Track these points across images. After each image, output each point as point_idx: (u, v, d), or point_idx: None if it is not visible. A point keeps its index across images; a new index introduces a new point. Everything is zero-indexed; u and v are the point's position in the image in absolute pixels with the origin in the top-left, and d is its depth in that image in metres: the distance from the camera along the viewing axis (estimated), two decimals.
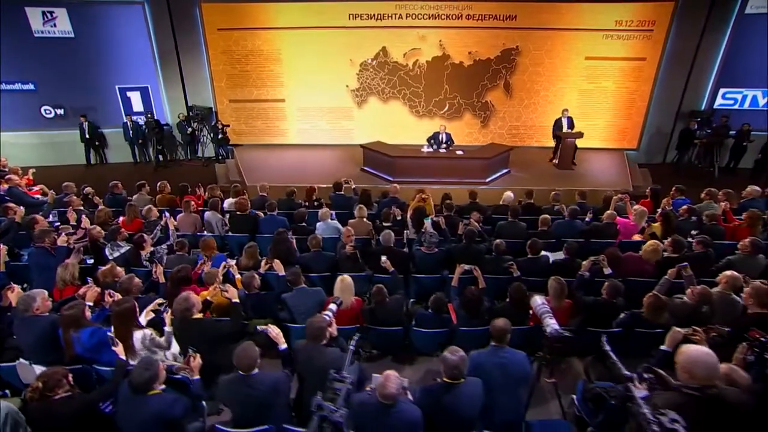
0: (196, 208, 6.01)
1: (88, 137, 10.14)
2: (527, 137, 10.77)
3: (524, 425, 3.02)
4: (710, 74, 9.81)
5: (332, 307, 3.17)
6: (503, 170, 9.18)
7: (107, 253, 4.75)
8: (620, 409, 2.27)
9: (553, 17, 9.61)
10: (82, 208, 5.91)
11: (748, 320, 3.17)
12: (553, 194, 6.45)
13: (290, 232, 5.04)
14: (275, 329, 2.96)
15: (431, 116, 10.60)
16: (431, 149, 8.94)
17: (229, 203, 6.41)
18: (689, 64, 9.71)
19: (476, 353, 2.96)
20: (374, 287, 3.97)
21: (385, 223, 5.67)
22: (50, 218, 5.71)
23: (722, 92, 9.93)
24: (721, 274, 3.83)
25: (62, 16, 9.40)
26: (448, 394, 2.66)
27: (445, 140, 9.11)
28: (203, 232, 5.62)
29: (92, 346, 3.12)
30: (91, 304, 3.48)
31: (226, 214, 6.07)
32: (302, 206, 6.13)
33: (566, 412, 3.30)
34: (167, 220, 5.25)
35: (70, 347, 3.11)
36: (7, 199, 6.02)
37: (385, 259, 4.47)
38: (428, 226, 5.43)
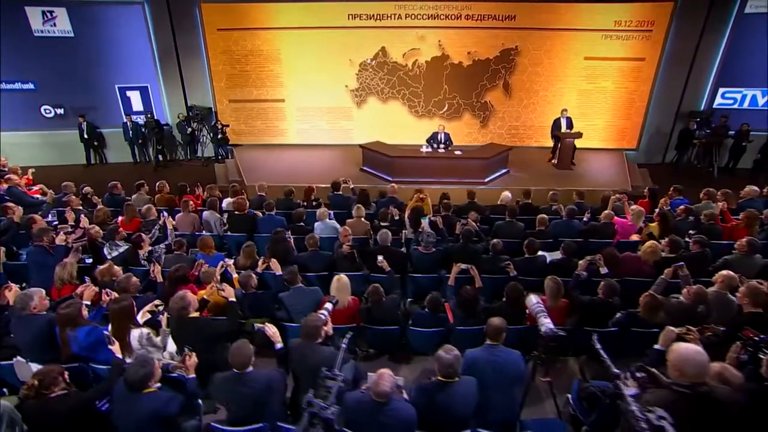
0: (194, 207, 6.03)
1: (86, 137, 10.15)
2: (526, 137, 10.77)
3: (519, 424, 3.03)
4: (709, 74, 9.80)
5: (328, 306, 3.18)
6: (502, 170, 9.18)
7: (106, 252, 4.78)
8: (613, 407, 2.28)
9: (552, 17, 9.60)
10: (81, 207, 5.93)
11: (742, 320, 3.18)
12: (550, 194, 6.45)
13: (288, 231, 5.05)
14: (272, 328, 2.97)
15: (430, 116, 10.60)
16: (430, 149, 8.95)
17: (227, 203, 6.43)
18: (688, 64, 9.70)
19: (471, 352, 2.97)
20: (370, 287, 3.98)
21: (382, 222, 5.67)
22: (49, 218, 5.74)
23: (721, 92, 9.92)
24: (717, 273, 3.84)
25: (62, 15, 9.40)
26: (442, 392, 2.67)
27: (444, 140, 9.12)
28: (202, 231, 5.63)
29: (89, 344, 3.13)
30: (88, 303, 3.49)
31: (224, 213, 6.08)
32: (300, 206, 6.14)
33: (561, 411, 3.31)
34: (166, 219, 5.27)
35: (66, 346, 3.12)
36: (6, 198, 6.05)
37: (381, 258, 4.48)
38: (425, 225, 5.44)
